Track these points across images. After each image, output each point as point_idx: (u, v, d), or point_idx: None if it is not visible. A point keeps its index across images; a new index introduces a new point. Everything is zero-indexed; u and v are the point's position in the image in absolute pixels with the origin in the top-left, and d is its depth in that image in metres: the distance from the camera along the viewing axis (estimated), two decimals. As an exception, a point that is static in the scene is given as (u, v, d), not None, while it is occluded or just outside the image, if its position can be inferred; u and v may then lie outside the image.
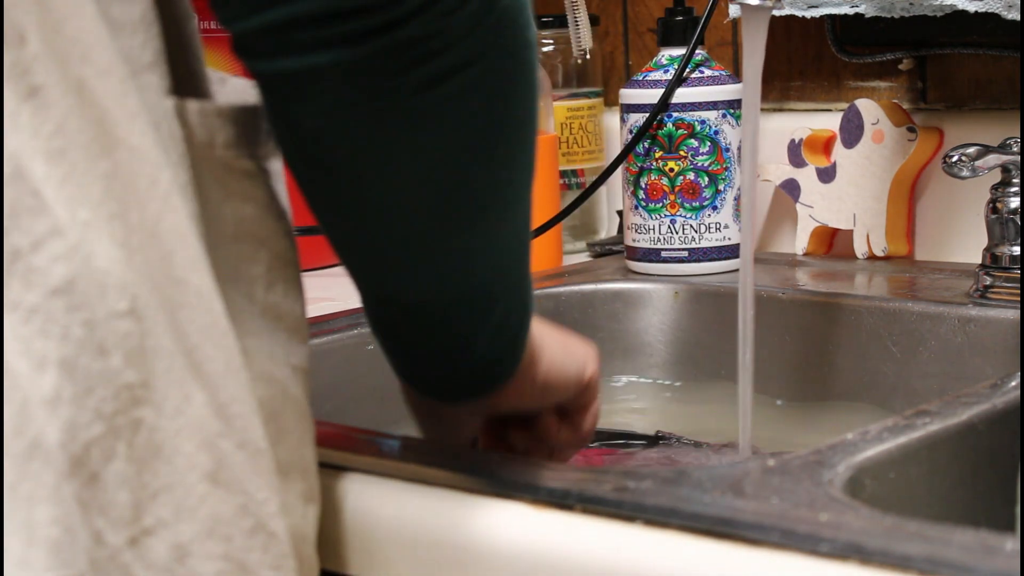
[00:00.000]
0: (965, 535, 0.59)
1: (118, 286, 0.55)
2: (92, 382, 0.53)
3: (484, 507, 0.68)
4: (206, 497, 0.57)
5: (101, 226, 0.55)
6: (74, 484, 0.53)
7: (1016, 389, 0.81)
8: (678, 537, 0.62)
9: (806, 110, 1.26)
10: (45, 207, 0.53)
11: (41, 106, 0.54)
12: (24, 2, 0.54)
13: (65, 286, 0.53)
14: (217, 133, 0.62)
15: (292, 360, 0.67)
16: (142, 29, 0.60)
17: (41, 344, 0.52)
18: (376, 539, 0.71)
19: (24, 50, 0.54)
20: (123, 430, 0.54)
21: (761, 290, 1.09)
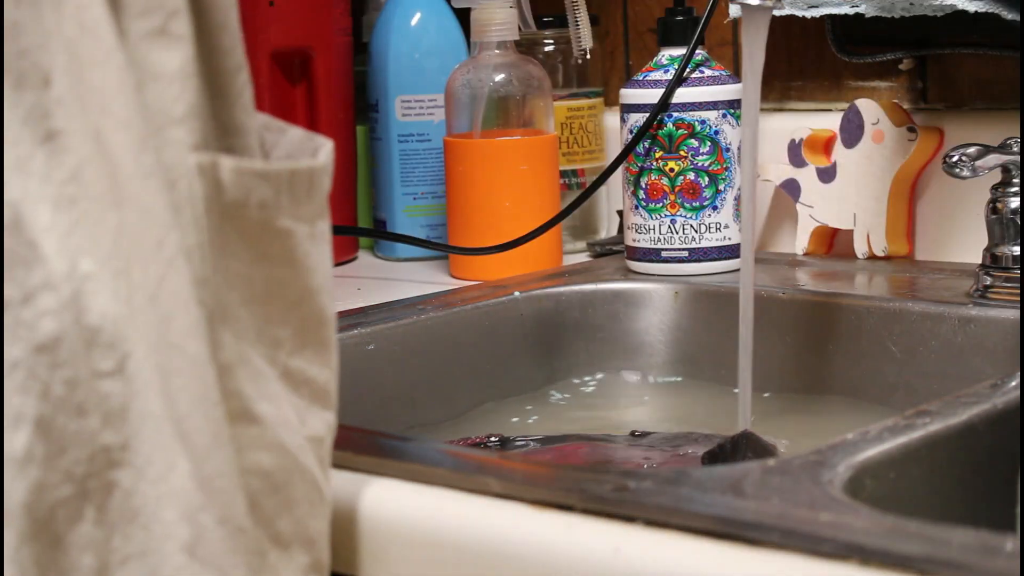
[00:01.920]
0: (965, 535, 0.59)
1: (107, 344, 0.54)
2: (66, 442, 0.52)
3: (484, 507, 0.68)
4: (181, 569, 0.56)
5: (105, 280, 0.54)
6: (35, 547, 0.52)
7: (1016, 389, 0.81)
8: (678, 537, 0.62)
9: (806, 110, 1.26)
10: (40, 258, 0.52)
11: (57, 151, 0.53)
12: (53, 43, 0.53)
13: (51, 342, 0.52)
14: (253, 192, 0.61)
15: (308, 430, 0.65)
16: (178, 81, 0.58)
17: (19, 400, 0.51)
18: (376, 539, 0.71)
19: (47, 93, 0.53)
20: (94, 493, 0.54)
21: (761, 290, 1.09)
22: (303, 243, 0.63)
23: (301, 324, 0.64)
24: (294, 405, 0.64)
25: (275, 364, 0.63)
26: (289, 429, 0.63)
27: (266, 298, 0.62)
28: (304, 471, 0.64)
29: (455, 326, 1.08)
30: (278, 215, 0.62)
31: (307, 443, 0.65)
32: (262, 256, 0.62)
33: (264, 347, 0.62)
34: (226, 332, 0.60)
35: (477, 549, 0.67)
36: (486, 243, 1.20)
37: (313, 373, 0.65)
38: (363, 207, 1.40)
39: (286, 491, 0.63)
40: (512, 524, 0.66)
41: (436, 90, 1.32)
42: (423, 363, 1.06)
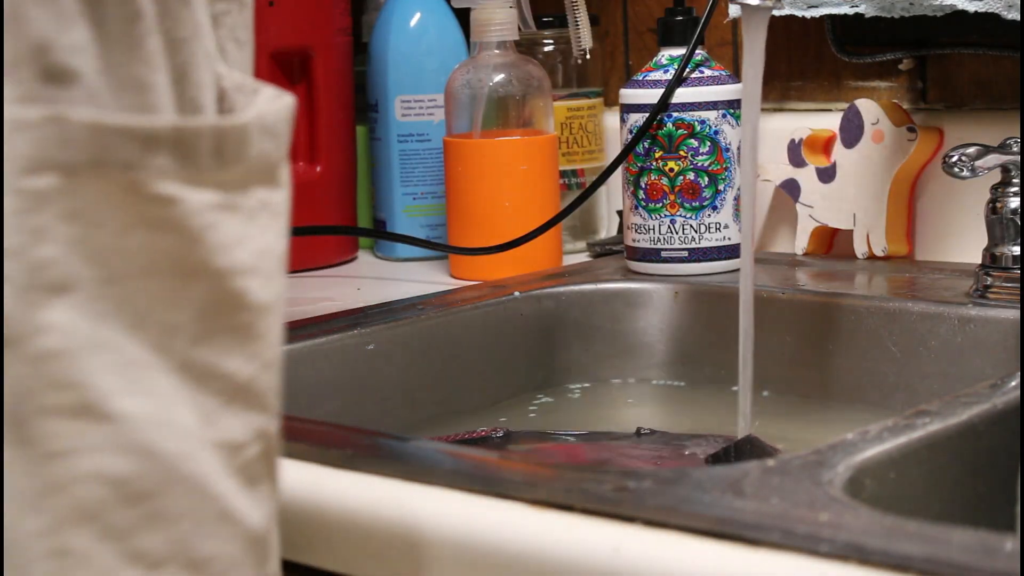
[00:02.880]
0: (965, 535, 0.59)
1: None
2: None
3: (484, 507, 0.68)
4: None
5: None
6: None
7: (1016, 389, 0.81)
8: (678, 537, 0.62)
9: (806, 110, 1.26)
10: None
11: None
12: None
13: None
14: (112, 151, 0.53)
15: (216, 434, 0.56)
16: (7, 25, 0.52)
17: None
18: (375, 539, 0.71)
19: None
20: None
21: (761, 290, 1.09)
22: (203, 213, 0.55)
23: (205, 308, 0.55)
24: (197, 404, 0.55)
25: (168, 353, 0.55)
26: (172, 431, 0.54)
27: (148, 274, 0.54)
28: (188, 481, 0.55)
29: (455, 326, 1.08)
30: (155, 178, 0.54)
31: (208, 449, 0.56)
32: (135, 225, 0.54)
33: (151, 332, 0.54)
34: (64, 313, 0.52)
35: (477, 549, 0.67)
36: (486, 243, 1.20)
37: (229, 367, 0.56)
38: (363, 207, 1.40)
39: (153, 502, 0.54)
40: (512, 524, 0.66)
41: (436, 90, 1.32)
42: (423, 363, 1.06)
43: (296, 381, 0.99)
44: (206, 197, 0.55)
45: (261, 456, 0.58)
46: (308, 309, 1.12)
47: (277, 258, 0.58)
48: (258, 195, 0.57)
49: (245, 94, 0.60)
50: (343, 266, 1.34)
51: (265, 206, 0.58)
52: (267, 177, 0.58)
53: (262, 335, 0.57)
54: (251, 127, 0.57)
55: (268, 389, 0.58)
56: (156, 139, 0.54)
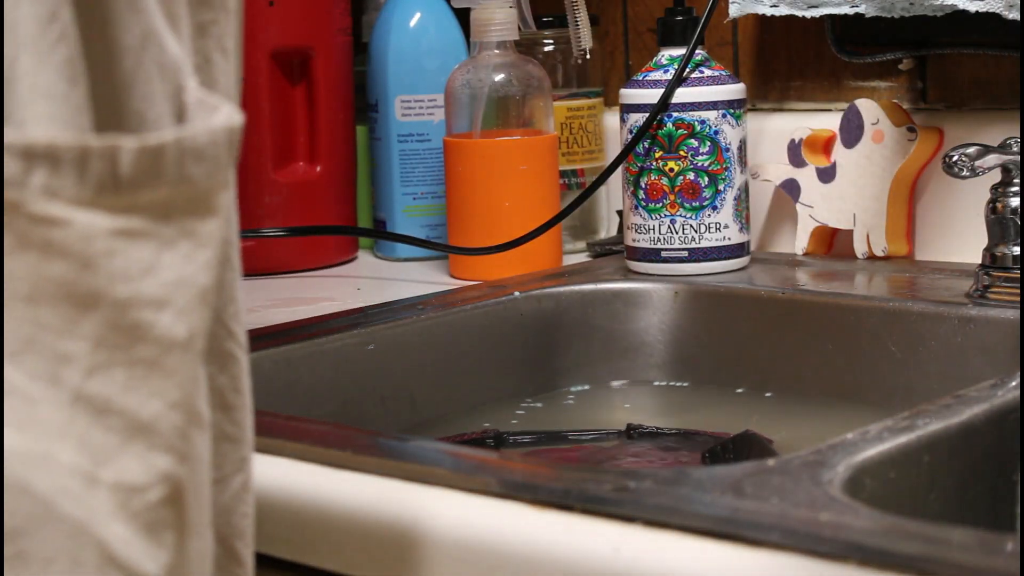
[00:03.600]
0: (965, 535, 0.59)
1: None
2: None
3: (484, 507, 0.68)
4: None
5: None
6: None
7: (1016, 389, 0.81)
8: (678, 537, 0.62)
9: (806, 110, 1.26)
10: None
11: None
12: None
13: None
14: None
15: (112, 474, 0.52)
16: None
17: None
18: (376, 539, 0.71)
19: None
20: None
21: (761, 290, 1.09)
22: (99, 239, 0.51)
23: (102, 339, 0.51)
24: (89, 440, 0.51)
25: (58, 384, 0.51)
26: (49, 468, 0.51)
27: (35, 299, 0.50)
28: (65, 522, 0.51)
29: (455, 326, 1.08)
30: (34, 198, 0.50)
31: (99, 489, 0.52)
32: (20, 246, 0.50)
33: (38, 361, 0.51)
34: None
35: (477, 549, 0.67)
36: (486, 243, 1.20)
37: (129, 403, 0.52)
38: (363, 207, 1.40)
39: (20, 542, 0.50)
40: (512, 524, 0.66)
41: (436, 90, 1.32)
42: (423, 363, 1.06)
43: (296, 381, 0.99)
44: (103, 221, 0.51)
45: (165, 501, 0.53)
46: (308, 309, 1.12)
47: (198, 291, 0.54)
48: (180, 223, 0.53)
49: (206, 110, 0.56)
50: (343, 266, 1.34)
51: (188, 235, 0.53)
52: (194, 204, 0.53)
53: (171, 372, 0.53)
54: (168, 149, 0.52)
55: (175, 430, 0.53)
56: (37, 155, 0.50)
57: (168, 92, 0.55)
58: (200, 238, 0.54)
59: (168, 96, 0.55)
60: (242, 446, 0.61)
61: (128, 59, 0.54)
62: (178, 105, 0.56)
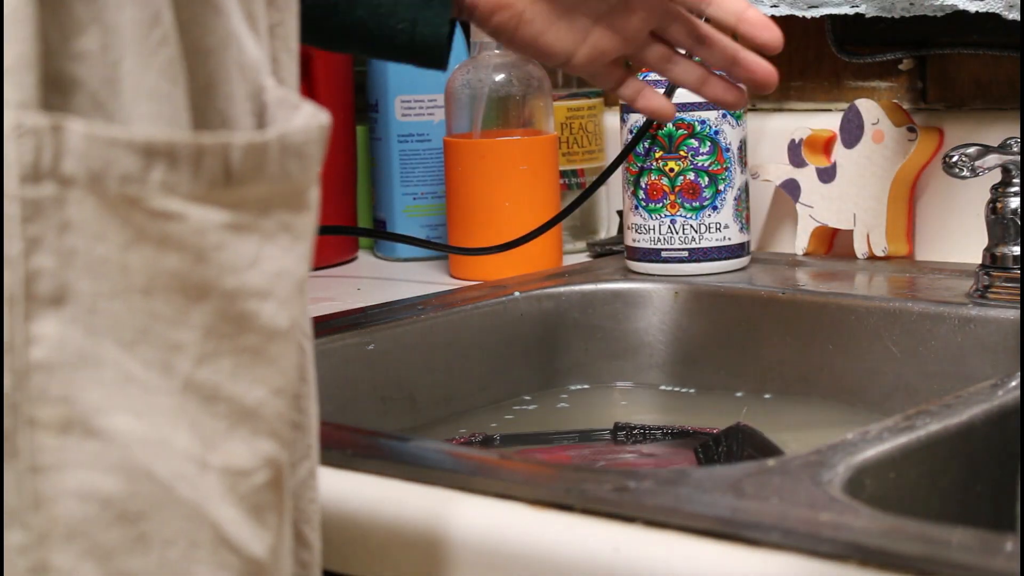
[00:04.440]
0: (965, 535, 0.59)
1: None
2: None
3: (484, 507, 0.68)
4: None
5: None
6: None
7: (1016, 389, 0.81)
8: (678, 537, 0.62)
9: (806, 110, 1.26)
10: None
11: None
12: None
13: None
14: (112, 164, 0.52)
15: (220, 458, 0.54)
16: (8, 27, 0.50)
17: None
18: (376, 539, 0.71)
19: None
20: None
21: (761, 290, 1.09)
22: (211, 232, 0.53)
23: (211, 328, 0.54)
24: (200, 426, 0.54)
25: (171, 373, 0.53)
26: (167, 452, 0.53)
27: (151, 290, 0.53)
28: (183, 505, 0.53)
29: (455, 326, 1.08)
30: (152, 194, 0.52)
31: (210, 473, 0.54)
32: (138, 240, 0.52)
33: (152, 350, 0.52)
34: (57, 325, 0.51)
35: (477, 549, 0.67)
36: (486, 243, 1.20)
37: (236, 390, 0.54)
38: (363, 207, 1.40)
39: (141, 525, 0.52)
40: (512, 524, 0.66)
41: (436, 90, 1.32)
42: (423, 363, 1.06)
43: (296, 381, 0.99)
44: (215, 216, 0.53)
45: (268, 485, 0.56)
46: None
47: (296, 282, 0.56)
48: (279, 217, 0.55)
49: (286, 109, 0.58)
50: (343, 266, 1.34)
51: (286, 228, 0.56)
52: (290, 199, 0.56)
53: (273, 359, 0.55)
54: (271, 146, 0.55)
55: (278, 416, 0.56)
56: (156, 153, 0.52)
57: (249, 92, 0.57)
58: (296, 231, 0.56)
59: (249, 95, 0.57)
60: (309, 434, 0.62)
61: (211, 60, 0.55)
62: (259, 104, 0.58)
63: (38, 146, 0.51)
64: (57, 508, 0.51)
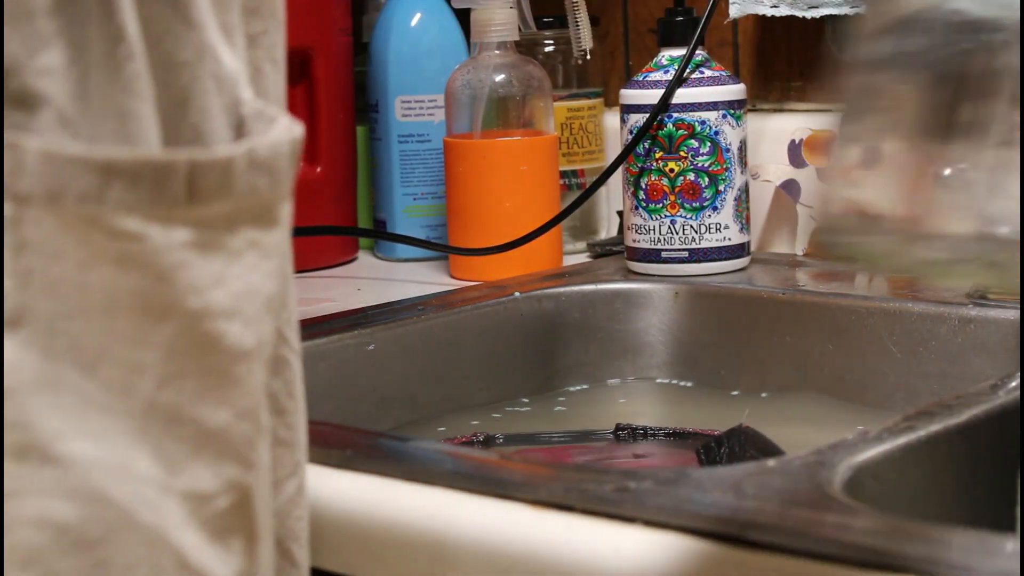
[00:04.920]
0: (965, 535, 0.59)
1: None
2: None
3: (484, 507, 0.68)
4: None
5: None
6: None
7: (1016, 389, 0.81)
8: (678, 537, 0.62)
9: (806, 110, 1.26)
10: None
11: None
12: None
13: None
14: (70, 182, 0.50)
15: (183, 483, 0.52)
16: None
17: None
18: (376, 539, 0.71)
19: None
20: None
21: (761, 290, 1.09)
22: (173, 251, 0.52)
23: (173, 349, 0.52)
24: (160, 449, 0.52)
25: (131, 394, 0.51)
26: (126, 477, 0.51)
27: (111, 311, 0.51)
28: (143, 531, 0.52)
29: (455, 326, 1.08)
30: (112, 213, 0.51)
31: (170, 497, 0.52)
32: (96, 259, 0.51)
33: (112, 371, 0.51)
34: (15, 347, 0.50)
35: (477, 549, 0.67)
36: (486, 243, 1.20)
37: (199, 412, 0.53)
38: (363, 207, 1.40)
39: (100, 551, 0.51)
40: (512, 524, 0.66)
41: (436, 90, 1.32)
42: (423, 363, 1.06)
43: (296, 381, 0.99)
44: (177, 235, 0.52)
45: (233, 508, 0.54)
46: (308, 310, 1.12)
47: (264, 301, 0.55)
48: (246, 234, 0.54)
49: (263, 123, 0.57)
50: (343, 266, 1.34)
51: (253, 245, 0.54)
52: (259, 215, 0.54)
53: (239, 381, 0.54)
54: (237, 162, 0.53)
55: (244, 438, 0.54)
56: (115, 171, 0.50)
57: (225, 105, 0.56)
58: (265, 249, 0.54)
59: (225, 109, 0.56)
60: (296, 450, 0.61)
61: (185, 73, 0.54)
62: (236, 117, 0.56)
63: None
64: (14, 536, 0.50)
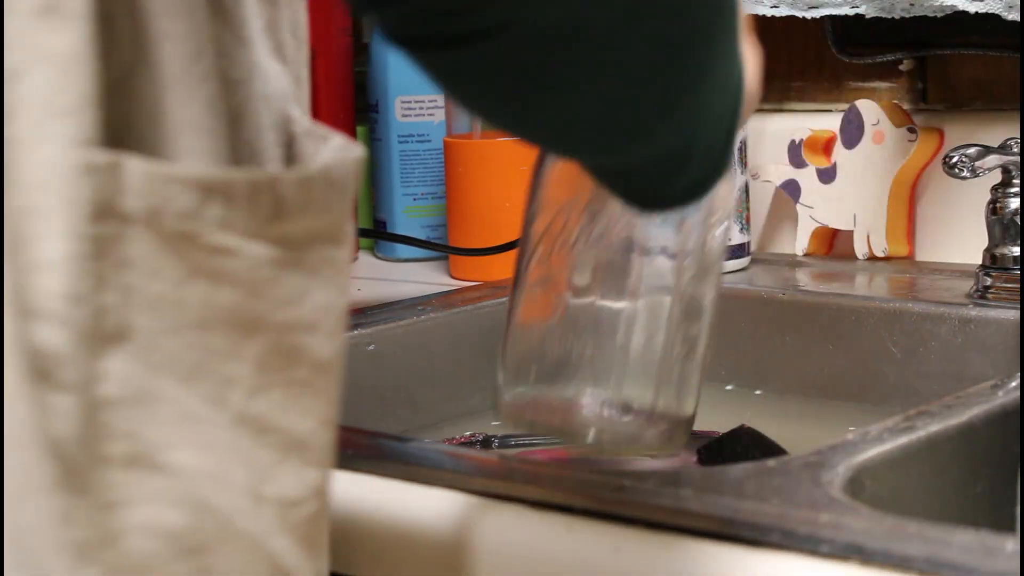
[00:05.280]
0: (965, 535, 0.59)
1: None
2: None
3: (484, 507, 0.68)
4: None
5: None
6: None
7: (1016, 389, 0.81)
8: (678, 537, 0.62)
9: (806, 111, 1.26)
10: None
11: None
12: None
13: None
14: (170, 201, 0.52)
15: (272, 489, 0.55)
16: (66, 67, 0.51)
17: None
18: (376, 540, 0.71)
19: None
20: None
21: (761, 290, 1.09)
22: (264, 267, 0.54)
23: (263, 362, 0.54)
24: (252, 458, 0.54)
25: (223, 406, 0.53)
26: (225, 485, 0.53)
27: (205, 325, 0.53)
28: (243, 537, 0.54)
29: (455, 326, 1.08)
30: (207, 229, 0.53)
31: (264, 505, 0.54)
32: (192, 275, 0.53)
33: (206, 384, 0.53)
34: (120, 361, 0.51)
35: (477, 549, 0.67)
36: (486, 244, 1.20)
37: (285, 421, 0.55)
38: (363, 207, 1.40)
39: (204, 557, 0.53)
40: (512, 524, 0.66)
41: (436, 90, 1.32)
42: (423, 363, 1.06)
43: (296, 381, 0.99)
44: (267, 251, 0.54)
45: (316, 514, 0.57)
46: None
47: (338, 314, 0.57)
48: (322, 251, 0.56)
49: (315, 140, 0.59)
50: (343, 266, 1.34)
51: (328, 262, 0.56)
52: (331, 233, 0.57)
53: (321, 391, 0.56)
54: (316, 180, 0.56)
55: (324, 446, 0.57)
56: (212, 189, 0.53)
57: (274, 122, 0.57)
58: (337, 264, 0.57)
59: (274, 126, 0.57)
60: None
61: (240, 91, 0.56)
62: (286, 135, 0.58)
63: (100, 184, 0.51)
64: (127, 543, 0.52)
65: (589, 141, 0.62)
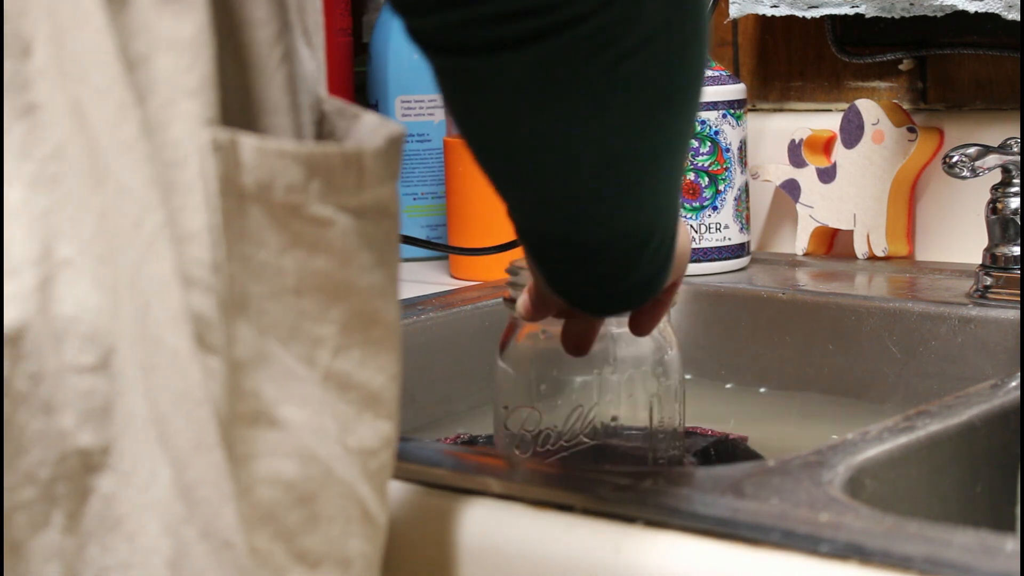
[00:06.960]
0: (965, 535, 0.59)
1: (87, 336, 0.49)
2: (26, 441, 0.49)
3: (485, 507, 0.68)
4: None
5: (86, 267, 0.50)
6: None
7: (1016, 389, 0.81)
8: (678, 537, 0.62)
9: (806, 110, 1.26)
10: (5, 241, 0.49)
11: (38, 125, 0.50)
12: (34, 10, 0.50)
13: (13, 333, 0.48)
14: (279, 174, 0.56)
15: (355, 440, 0.59)
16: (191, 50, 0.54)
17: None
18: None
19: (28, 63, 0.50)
20: (63, 499, 0.49)
21: (761, 290, 1.09)
22: (347, 236, 0.58)
23: (346, 322, 0.58)
24: (338, 412, 0.58)
25: (314, 365, 0.57)
26: (324, 437, 0.57)
27: (300, 291, 0.57)
28: (340, 484, 0.58)
29: (455, 326, 1.08)
30: (310, 201, 0.56)
31: (350, 454, 0.58)
32: (293, 244, 0.56)
33: (300, 345, 0.57)
34: (244, 326, 0.55)
35: (477, 549, 0.67)
36: (486, 243, 1.20)
37: (363, 377, 0.59)
38: (363, 207, 1.40)
39: (314, 505, 0.57)
40: (512, 524, 0.66)
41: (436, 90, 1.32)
42: (423, 363, 1.06)
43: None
44: (352, 221, 0.58)
45: (388, 463, 0.61)
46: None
47: (397, 281, 0.62)
48: (385, 221, 0.60)
49: (346, 119, 0.62)
50: (343, 266, 1.34)
51: (388, 232, 0.60)
52: (387, 204, 0.60)
53: (390, 349, 0.60)
54: (385, 152, 0.60)
55: (394, 399, 0.61)
56: (316, 163, 0.57)
57: (309, 103, 0.61)
58: (393, 235, 0.61)
59: (308, 107, 0.61)
60: None
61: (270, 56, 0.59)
62: (318, 114, 0.62)
63: (224, 160, 0.55)
64: (256, 494, 0.56)
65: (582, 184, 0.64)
